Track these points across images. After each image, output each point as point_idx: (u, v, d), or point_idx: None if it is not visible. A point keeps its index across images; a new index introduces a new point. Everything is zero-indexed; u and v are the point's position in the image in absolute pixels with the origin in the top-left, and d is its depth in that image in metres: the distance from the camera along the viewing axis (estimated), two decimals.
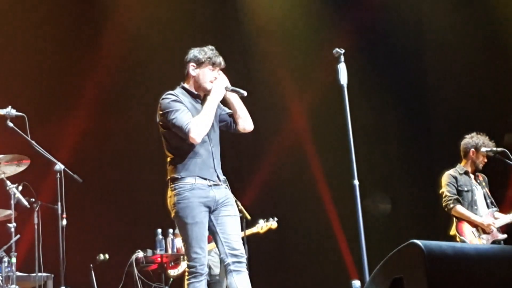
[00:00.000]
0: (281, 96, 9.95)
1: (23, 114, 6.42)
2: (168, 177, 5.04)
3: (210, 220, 4.99)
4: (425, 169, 9.48)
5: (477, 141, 7.24)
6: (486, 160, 7.29)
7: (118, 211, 9.29)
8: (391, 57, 9.99)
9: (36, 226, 6.64)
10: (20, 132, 6.39)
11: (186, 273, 4.95)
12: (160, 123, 5.07)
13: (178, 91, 5.12)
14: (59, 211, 6.44)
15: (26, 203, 6.64)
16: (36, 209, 6.70)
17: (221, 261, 5.03)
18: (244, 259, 4.99)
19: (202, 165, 4.97)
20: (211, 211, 4.98)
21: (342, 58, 5.19)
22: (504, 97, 9.42)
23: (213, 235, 5.05)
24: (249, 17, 10.24)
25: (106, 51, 9.46)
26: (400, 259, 3.70)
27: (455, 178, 7.20)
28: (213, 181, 5.00)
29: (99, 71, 9.30)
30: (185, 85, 5.16)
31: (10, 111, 6.39)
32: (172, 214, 5.00)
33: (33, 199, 6.73)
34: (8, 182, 6.66)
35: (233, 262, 4.94)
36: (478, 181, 7.29)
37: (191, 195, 4.90)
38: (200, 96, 5.12)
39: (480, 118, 9.19)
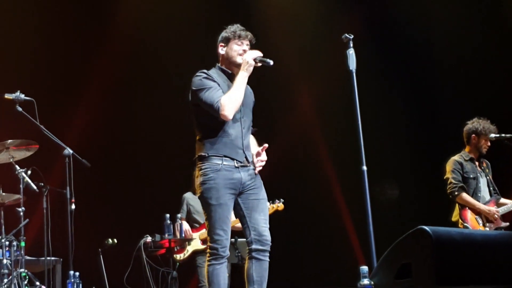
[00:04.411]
0: (290, 81, 9.92)
1: (32, 99, 6.44)
2: (196, 155, 4.99)
3: (238, 204, 4.95)
4: (433, 155, 9.44)
5: (477, 126, 7.14)
6: (489, 144, 7.19)
7: (126, 195, 9.31)
8: (400, 43, 9.95)
9: (44, 211, 6.68)
10: (29, 116, 6.41)
11: (208, 254, 4.90)
12: (191, 100, 5.02)
13: (212, 70, 5.09)
14: (68, 196, 6.47)
15: (35, 187, 6.67)
16: (45, 194, 6.74)
17: (247, 243, 4.98)
18: (268, 247, 4.95)
19: (230, 145, 4.92)
20: (238, 194, 4.93)
21: (351, 43, 5.19)
22: None
23: (240, 218, 5.01)
24: (259, 3, 10.21)
25: (116, 38, 9.45)
26: (408, 244, 3.71)
27: (461, 164, 7.13)
28: (241, 162, 4.94)
29: (108, 57, 9.30)
30: (219, 65, 5.14)
31: (19, 95, 6.41)
32: (198, 194, 4.97)
33: (42, 184, 6.76)
34: (17, 167, 6.70)
35: (257, 250, 4.91)
36: (482, 167, 7.23)
37: (217, 176, 4.85)
38: (234, 75, 5.04)
39: (488, 105, 9.14)
